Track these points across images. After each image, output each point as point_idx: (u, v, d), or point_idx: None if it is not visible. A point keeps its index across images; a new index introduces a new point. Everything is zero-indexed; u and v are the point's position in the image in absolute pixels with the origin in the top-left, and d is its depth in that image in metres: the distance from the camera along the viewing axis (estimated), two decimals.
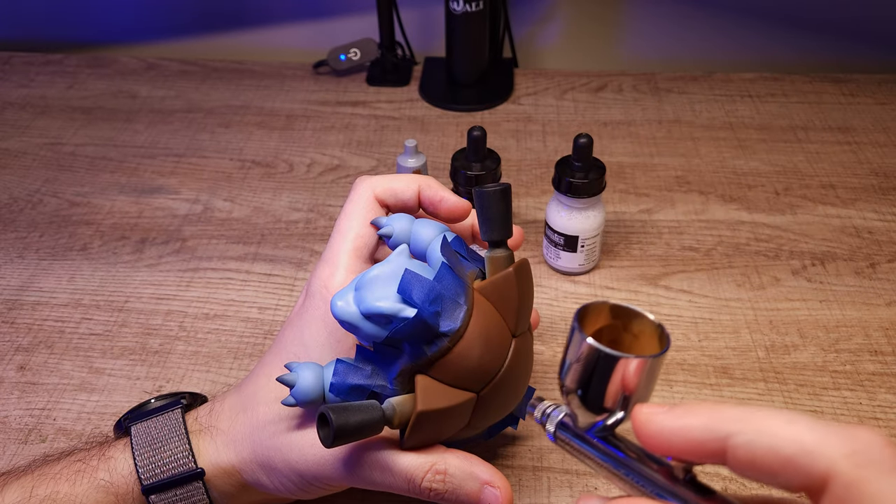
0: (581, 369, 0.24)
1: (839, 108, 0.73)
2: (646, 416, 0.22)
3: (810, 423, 0.20)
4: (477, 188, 0.33)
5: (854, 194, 0.63)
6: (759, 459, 0.20)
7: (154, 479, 0.34)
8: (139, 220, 0.61)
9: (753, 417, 0.21)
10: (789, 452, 0.20)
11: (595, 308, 0.25)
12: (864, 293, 0.53)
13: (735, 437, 0.21)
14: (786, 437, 0.20)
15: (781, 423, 0.20)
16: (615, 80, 0.78)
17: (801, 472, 0.20)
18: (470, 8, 0.70)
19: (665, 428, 0.22)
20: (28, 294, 0.54)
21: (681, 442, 0.22)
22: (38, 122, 0.72)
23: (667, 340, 0.24)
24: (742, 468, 0.21)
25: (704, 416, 0.21)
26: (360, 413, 0.30)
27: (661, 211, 0.61)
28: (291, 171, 0.66)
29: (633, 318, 0.25)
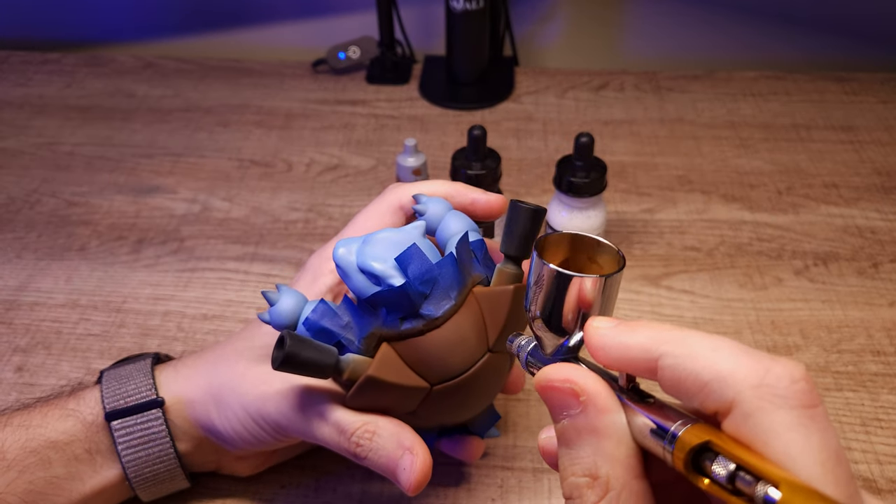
0: (542, 293, 0.25)
1: (842, 106, 0.73)
2: (594, 329, 0.24)
3: (731, 350, 0.21)
4: (514, 200, 0.34)
5: (857, 194, 0.62)
6: (682, 381, 0.21)
7: (117, 406, 0.37)
8: (137, 219, 0.60)
9: (684, 341, 0.22)
10: (707, 377, 0.21)
11: (556, 238, 0.27)
12: (867, 293, 0.53)
13: (664, 359, 0.22)
14: (706, 363, 0.21)
15: (706, 348, 0.21)
16: (617, 79, 0.77)
17: (711, 396, 0.21)
18: (470, 6, 0.70)
19: (608, 343, 0.23)
20: (26, 294, 0.54)
21: (620, 357, 0.23)
22: (35, 121, 0.72)
23: (623, 262, 0.25)
24: (667, 387, 0.22)
25: (643, 335, 0.23)
26: (315, 351, 0.31)
27: (663, 210, 0.61)
28: (290, 170, 0.66)
29: (595, 248, 0.27)
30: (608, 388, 0.23)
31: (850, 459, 0.43)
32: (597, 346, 0.24)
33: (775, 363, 0.21)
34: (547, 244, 0.26)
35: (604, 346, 0.23)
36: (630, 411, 0.23)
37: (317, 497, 0.41)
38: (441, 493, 0.41)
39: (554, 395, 0.23)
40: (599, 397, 0.23)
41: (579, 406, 0.23)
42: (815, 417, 0.20)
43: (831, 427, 0.20)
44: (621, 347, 0.23)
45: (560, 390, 0.23)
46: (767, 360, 0.21)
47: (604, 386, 0.23)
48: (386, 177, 0.65)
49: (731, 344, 0.21)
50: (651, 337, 0.22)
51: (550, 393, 0.23)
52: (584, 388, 0.23)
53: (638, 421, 0.23)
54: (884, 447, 0.43)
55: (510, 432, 0.44)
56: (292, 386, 0.35)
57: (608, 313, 0.25)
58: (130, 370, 0.38)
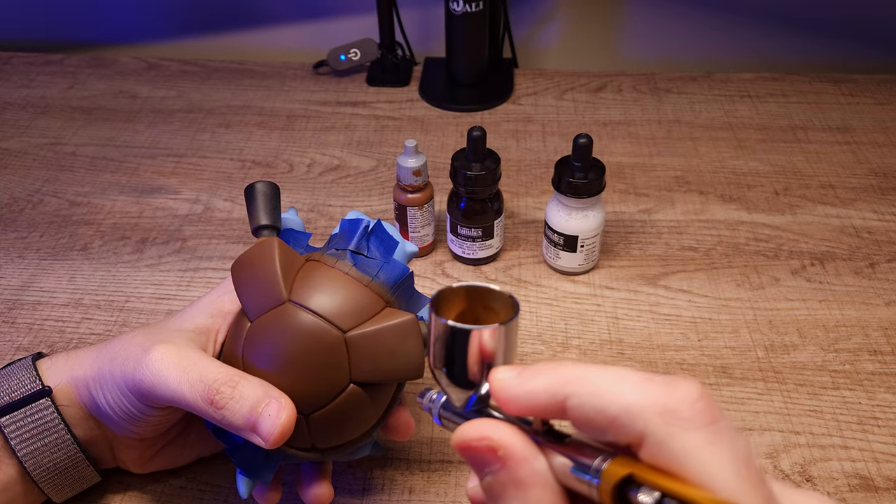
0: (443, 349, 0.25)
1: (839, 108, 0.73)
2: (498, 381, 0.24)
3: (635, 381, 0.22)
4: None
5: (853, 194, 0.63)
6: (591, 419, 0.22)
7: (2, 403, 0.36)
8: (140, 220, 0.61)
9: (587, 378, 0.22)
10: (614, 412, 0.21)
11: (450, 292, 0.26)
12: (864, 293, 0.54)
13: (570, 399, 0.22)
14: (611, 397, 0.21)
15: (609, 383, 0.22)
16: (615, 81, 0.78)
17: (623, 430, 0.21)
18: (470, 8, 0.70)
19: (513, 393, 0.23)
20: (28, 294, 0.54)
21: (528, 405, 0.23)
22: (38, 122, 0.73)
23: (517, 308, 0.25)
24: (579, 426, 0.22)
25: (546, 378, 0.23)
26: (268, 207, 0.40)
27: (661, 211, 0.61)
28: (291, 171, 0.66)
29: (489, 296, 0.26)
30: (524, 437, 0.23)
31: (848, 458, 0.43)
32: (503, 399, 0.24)
33: (676, 386, 0.21)
34: (442, 299, 0.26)
35: (510, 398, 0.23)
36: (549, 453, 0.23)
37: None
38: (442, 492, 0.42)
39: (472, 455, 0.23)
40: (516, 448, 0.23)
41: (498, 461, 0.23)
42: (719, 432, 0.21)
43: (736, 434, 0.21)
44: (527, 395, 0.23)
45: (477, 448, 0.23)
46: (668, 385, 0.21)
47: (519, 436, 0.23)
48: (386, 177, 0.65)
49: (630, 374, 0.22)
50: (554, 380, 0.23)
51: (469, 452, 0.23)
52: (500, 443, 0.23)
53: (558, 462, 0.23)
54: (881, 445, 0.44)
55: None
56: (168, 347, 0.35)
57: (511, 359, 0.25)
58: (11, 368, 0.38)
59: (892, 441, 0.44)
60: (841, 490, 0.42)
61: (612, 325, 0.51)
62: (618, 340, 0.50)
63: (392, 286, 0.36)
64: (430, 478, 0.42)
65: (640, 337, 0.50)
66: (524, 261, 0.57)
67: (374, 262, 0.37)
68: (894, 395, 0.47)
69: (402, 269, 0.37)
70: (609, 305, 0.53)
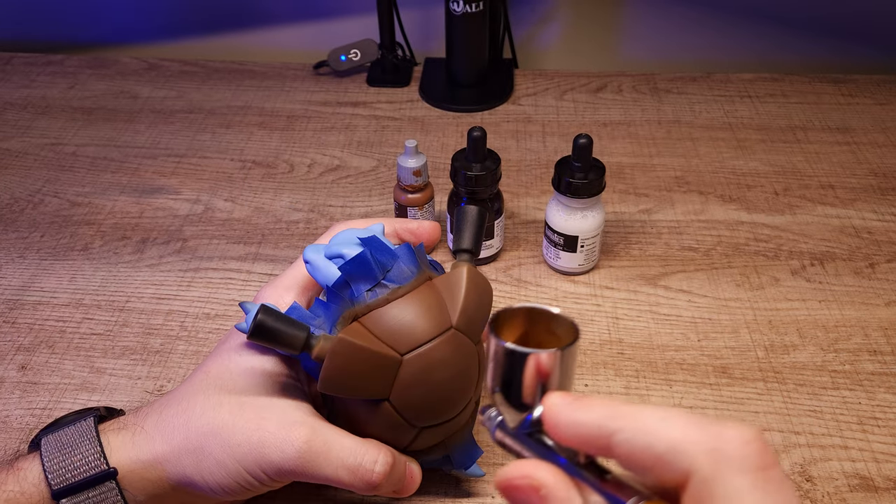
0: (499, 370, 0.25)
1: (838, 108, 0.73)
2: (551, 407, 0.24)
3: (683, 420, 0.21)
4: (460, 207, 0.39)
5: (853, 194, 0.63)
6: (636, 456, 0.22)
7: (64, 483, 0.33)
8: (140, 220, 0.61)
9: (636, 415, 0.22)
10: (660, 450, 0.21)
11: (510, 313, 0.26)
12: (863, 293, 0.54)
13: (617, 435, 0.22)
14: (658, 434, 0.21)
15: (656, 420, 0.22)
16: (615, 81, 0.78)
17: (668, 468, 0.21)
18: (470, 9, 0.70)
19: (562, 421, 0.23)
20: (29, 294, 0.54)
21: (575, 435, 0.23)
22: (39, 122, 0.73)
23: (577, 334, 0.25)
24: (624, 464, 0.22)
25: (597, 412, 0.23)
26: (286, 323, 0.34)
27: (661, 211, 0.61)
28: (292, 171, 0.66)
29: (550, 320, 0.26)
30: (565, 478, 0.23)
31: (848, 458, 0.43)
32: (552, 425, 0.24)
33: (726, 427, 0.21)
34: (502, 320, 0.26)
35: (558, 425, 0.24)
36: (587, 492, 0.23)
37: (318, 493, 0.42)
38: (442, 492, 0.42)
39: (515, 494, 0.23)
40: (559, 489, 0.23)
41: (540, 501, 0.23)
42: (770, 479, 0.20)
43: (789, 484, 0.20)
44: (576, 425, 0.23)
45: (520, 488, 0.23)
46: (718, 426, 0.21)
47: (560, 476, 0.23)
48: (387, 178, 0.65)
49: (681, 413, 0.22)
50: (604, 414, 0.23)
51: (511, 492, 0.24)
52: (542, 483, 0.23)
53: (595, 501, 0.23)
54: (881, 445, 0.44)
55: None
56: (293, 423, 0.34)
57: (568, 385, 0.25)
58: (73, 436, 0.34)
59: (892, 441, 0.44)
60: (841, 490, 0.42)
61: (612, 325, 0.51)
62: (618, 340, 0.50)
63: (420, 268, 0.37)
64: (430, 477, 0.42)
65: (640, 337, 0.51)
66: (524, 261, 0.57)
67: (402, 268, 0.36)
68: (894, 395, 0.47)
69: (409, 253, 0.37)
70: (609, 306, 0.53)
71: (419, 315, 0.35)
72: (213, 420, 0.34)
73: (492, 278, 0.55)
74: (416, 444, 0.37)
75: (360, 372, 0.34)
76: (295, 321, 0.34)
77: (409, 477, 0.37)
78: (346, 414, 0.37)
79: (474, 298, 0.36)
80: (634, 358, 0.49)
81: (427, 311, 0.35)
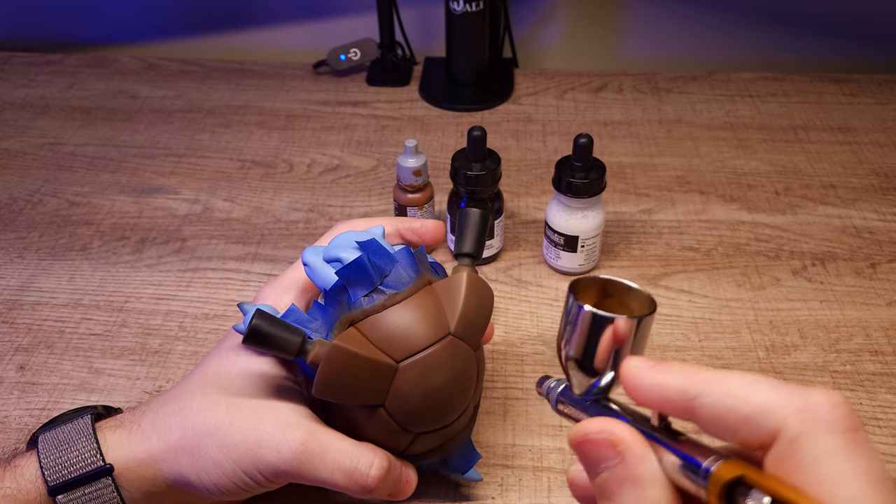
0: (576, 334, 0.26)
1: (839, 108, 0.73)
2: (630, 368, 0.24)
3: (770, 384, 0.22)
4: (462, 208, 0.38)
5: (854, 194, 0.63)
6: (721, 418, 0.22)
7: (61, 479, 0.33)
8: (139, 220, 0.61)
9: (720, 380, 0.22)
10: (747, 411, 0.21)
11: (587, 282, 0.28)
12: (865, 293, 0.53)
13: (701, 398, 0.22)
14: (745, 397, 0.21)
15: (744, 384, 0.22)
16: (615, 80, 0.78)
17: (755, 429, 0.21)
18: (470, 8, 0.70)
19: (645, 382, 0.24)
20: (28, 294, 0.54)
21: (657, 396, 0.23)
22: (37, 122, 0.72)
23: (654, 306, 0.26)
24: (706, 425, 0.22)
25: (679, 376, 0.23)
26: (282, 328, 0.33)
27: (662, 211, 0.61)
28: (291, 171, 0.66)
29: (626, 293, 0.27)
30: (641, 437, 0.23)
31: None
32: (634, 385, 0.24)
33: (813, 391, 0.21)
34: (580, 286, 0.27)
35: (641, 386, 0.24)
36: (662, 451, 0.23)
37: (317, 495, 0.42)
38: (442, 493, 0.42)
39: (591, 449, 0.24)
40: (637, 446, 0.23)
41: (617, 456, 0.23)
42: (858, 441, 0.20)
43: (874, 450, 0.20)
44: (658, 387, 0.23)
45: (597, 442, 0.23)
46: (805, 390, 0.21)
47: (637, 434, 0.23)
48: (386, 177, 0.65)
49: (766, 378, 0.22)
50: (687, 377, 0.23)
51: (587, 447, 0.24)
52: (620, 438, 0.23)
53: (671, 461, 0.23)
54: (882, 446, 0.44)
55: (509, 431, 0.45)
56: (289, 425, 0.34)
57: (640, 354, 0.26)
58: (69, 433, 0.34)
59: (894, 442, 0.44)
60: None
61: None
62: None
63: (419, 272, 0.37)
64: (429, 480, 0.42)
65: None
66: (524, 261, 0.57)
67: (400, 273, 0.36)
68: (895, 395, 0.46)
69: (408, 257, 0.36)
70: None
71: (416, 321, 0.34)
72: (210, 419, 0.34)
73: (492, 278, 0.55)
74: (413, 449, 0.37)
75: (354, 379, 0.34)
76: (290, 326, 0.34)
77: (404, 481, 0.37)
78: (343, 417, 0.37)
79: (474, 304, 0.36)
80: None
81: (424, 316, 0.35)
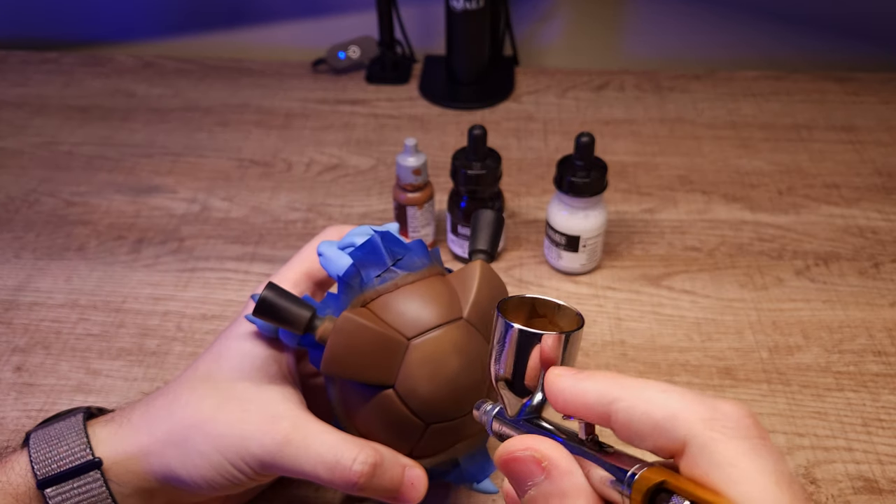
0: (505, 352, 0.26)
1: (843, 107, 0.73)
2: (553, 377, 0.25)
3: (681, 393, 0.23)
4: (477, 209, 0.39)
5: (858, 194, 0.62)
6: (634, 423, 0.23)
7: (49, 473, 0.33)
8: (136, 219, 0.60)
9: (636, 386, 0.23)
10: (658, 417, 0.22)
11: (515, 301, 0.28)
12: (868, 293, 0.53)
13: (617, 403, 0.23)
14: (658, 403, 0.22)
15: (656, 391, 0.23)
16: (617, 79, 0.77)
17: (665, 435, 0.22)
18: (470, 5, 0.70)
19: (566, 389, 0.24)
20: (25, 294, 0.54)
21: (577, 403, 0.24)
22: (34, 121, 0.72)
23: (581, 322, 0.27)
24: (621, 431, 0.23)
25: (600, 382, 0.24)
26: (292, 301, 0.33)
27: (664, 210, 0.61)
28: (290, 170, 0.66)
29: (554, 311, 0.28)
30: (566, 452, 0.24)
31: (852, 460, 0.43)
32: (556, 392, 0.25)
33: (722, 401, 0.22)
34: (509, 306, 0.27)
35: (562, 392, 0.24)
36: (589, 465, 0.24)
37: (318, 494, 0.41)
38: (442, 494, 0.41)
39: (517, 467, 0.24)
40: (562, 461, 0.24)
41: (542, 472, 0.24)
42: (765, 446, 0.21)
43: (781, 454, 0.21)
44: (579, 394, 0.24)
45: (522, 460, 0.24)
46: (714, 400, 0.22)
47: (562, 450, 0.24)
48: (386, 177, 0.65)
49: (679, 388, 0.23)
50: (606, 384, 0.24)
51: (513, 465, 0.24)
52: (545, 455, 0.24)
53: (598, 474, 0.23)
54: (885, 447, 0.43)
55: None
56: (274, 417, 0.33)
57: None
58: (60, 429, 0.35)
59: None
60: (845, 492, 0.41)
61: (615, 326, 0.51)
62: (620, 342, 0.50)
63: (432, 262, 0.36)
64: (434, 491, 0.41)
65: (642, 338, 0.50)
66: (525, 261, 0.56)
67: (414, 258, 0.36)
68: None
69: (422, 247, 0.36)
70: (611, 306, 0.52)
71: (429, 301, 0.34)
72: (198, 412, 0.34)
73: None
74: (423, 446, 0.35)
75: (364, 353, 0.33)
76: (301, 300, 0.34)
77: (408, 483, 0.35)
78: (349, 412, 0.36)
79: (486, 293, 0.36)
80: (637, 359, 0.49)
81: (437, 297, 0.34)
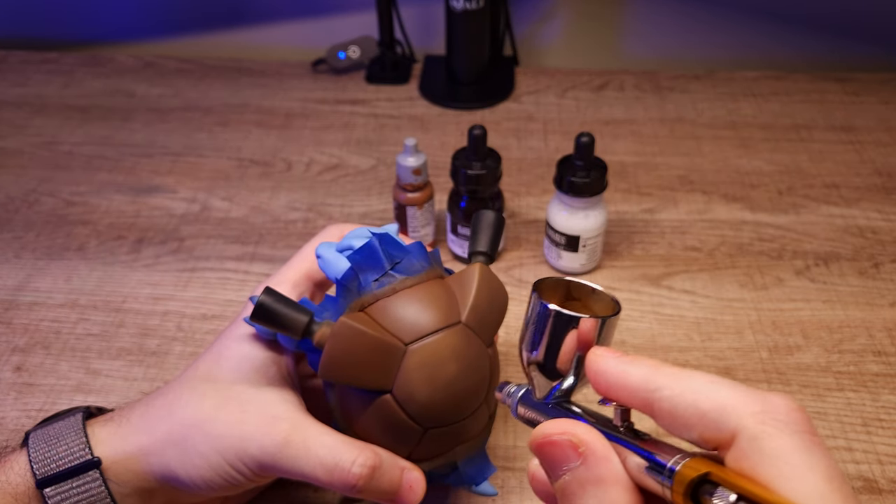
0: (539, 334, 0.26)
1: (842, 107, 0.73)
2: (596, 356, 0.24)
3: (730, 385, 0.22)
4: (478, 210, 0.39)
5: (857, 194, 0.62)
6: (680, 413, 0.22)
7: (48, 472, 0.33)
8: (136, 219, 0.60)
9: (682, 375, 0.23)
10: (705, 408, 0.21)
11: (551, 283, 0.27)
12: (868, 293, 0.53)
13: (662, 391, 0.22)
14: (706, 394, 0.22)
15: (704, 382, 0.22)
16: (617, 79, 0.77)
17: (712, 426, 0.21)
18: (470, 5, 0.70)
19: (609, 370, 0.24)
20: (24, 294, 0.54)
21: (619, 385, 0.24)
22: (34, 120, 0.72)
23: (618, 308, 0.26)
24: (663, 420, 0.23)
25: (644, 368, 0.23)
26: (290, 306, 0.33)
27: (664, 210, 0.61)
28: (290, 170, 0.66)
29: (589, 295, 0.27)
30: (603, 437, 0.23)
31: (852, 460, 0.43)
32: (597, 372, 0.24)
33: (772, 395, 0.21)
34: (544, 287, 0.27)
35: (605, 373, 0.24)
36: (626, 453, 0.23)
37: (317, 495, 0.41)
38: (441, 496, 0.41)
39: (552, 451, 0.23)
40: (599, 446, 0.23)
41: (579, 458, 0.23)
42: (816, 442, 0.21)
43: (830, 452, 0.21)
44: (621, 375, 0.23)
45: (558, 444, 0.23)
46: (764, 392, 0.22)
47: (599, 435, 0.23)
48: (386, 176, 0.64)
49: (728, 380, 0.22)
50: (650, 370, 0.23)
51: (548, 448, 0.23)
52: (582, 439, 0.23)
53: (635, 462, 0.22)
54: (885, 447, 0.43)
55: (510, 432, 0.44)
56: (273, 418, 0.33)
57: None
58: (59, 429, 0.35)
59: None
60: None
61: None
62: (620, 342, 0.50)
63: (432, 265, 0.36)
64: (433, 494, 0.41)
65: (642, 338, 0.50)
66: (525, 261, 0.56)
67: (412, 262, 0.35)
68: None
69: (421, 250, 0.36)
70: None
71: (427, 306, 0.34)
72: (197, 412, 0.34)
73: None
74: (422, 450, 0.35)
75: (361, 358, 0.33)
76: (298, 305, 0.34)
77: (406, 486, 0.34)
78: (347, 415, 0.36)
79: (486, 297, 0.35)
80: None
81: (435, 302, 0.34)
